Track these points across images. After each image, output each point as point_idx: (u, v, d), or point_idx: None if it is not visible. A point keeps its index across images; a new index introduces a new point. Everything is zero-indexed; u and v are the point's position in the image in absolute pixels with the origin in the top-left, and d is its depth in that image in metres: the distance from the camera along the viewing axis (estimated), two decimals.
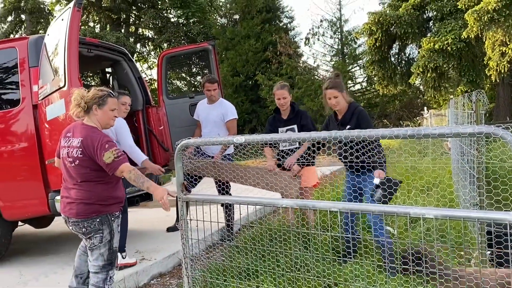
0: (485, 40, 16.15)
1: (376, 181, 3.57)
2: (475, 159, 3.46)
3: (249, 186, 4.23)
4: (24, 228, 6.44)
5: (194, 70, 24.38)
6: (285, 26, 26.22)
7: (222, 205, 5.29)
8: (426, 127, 2.32)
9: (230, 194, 5.04)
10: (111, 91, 3.36)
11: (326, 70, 26.69)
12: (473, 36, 16.09)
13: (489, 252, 3.31)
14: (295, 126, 4.85)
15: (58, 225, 7.03)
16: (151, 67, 30.14)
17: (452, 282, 2.61)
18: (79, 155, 3.12)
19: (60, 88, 4.53)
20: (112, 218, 3.18)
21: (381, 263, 3.06)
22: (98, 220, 3.11)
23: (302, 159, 4.44)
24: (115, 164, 3.03)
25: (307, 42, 27.04)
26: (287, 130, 4.87)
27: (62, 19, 4.64)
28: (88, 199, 3.11)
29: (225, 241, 4.94)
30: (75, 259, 3.52)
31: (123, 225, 4.03)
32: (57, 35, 4.67)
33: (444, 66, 18.00)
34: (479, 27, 15.52)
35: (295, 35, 26.91)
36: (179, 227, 3.20)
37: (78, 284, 3.45)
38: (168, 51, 7.08)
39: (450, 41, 17.16)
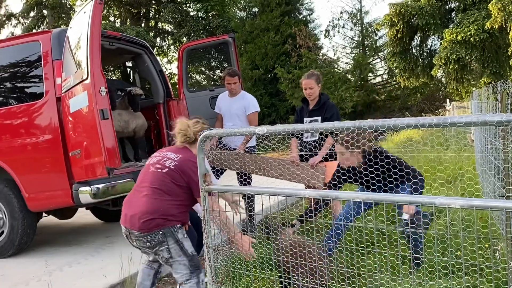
0: (509, 30, 15.80)
1: (405, 216, 3.28)
2: (500, 149, 3.40)
3: (271, 178, 4.23)
4: (48, 219, 6.54)
5: (213, 63, 24.46)
6: (304, 19, 26.04)
7: (243, 196, 5.31)
8: (452, 116, 2.28)
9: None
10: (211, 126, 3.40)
11: (346, 63, 26.50)
12: (497, 27, 15.77)
13: None
14: (318, 118, 4.78)
15: (82, 216, 7.14)
16: (171, 61, 30.28)
17: None
18: (171, 167, 3.12)
19: (83, 80, 4.58)
20: (175, 230, 3.09)
21: (405, 254, 3.03)
22: (160, 233, 3.05)
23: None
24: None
25: (327, 34, 26.84)
26: (310, 121, 4.81)
27: (84, 12, 4.69)
28: (154, 212, 3.03)
29: (246, 232, 4.95)
30: (138, 273, 3.53)
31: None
32: (80, 28, 4.72)
33: (467, 57, 17.69)
34: (503, 17, 15.21)
35: (314, 28, 26.71)
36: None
37: None
38: (189, 43, 7.10)
39: (473, 32, 16.85)
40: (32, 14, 26.97)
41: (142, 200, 3.10)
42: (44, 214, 5.95)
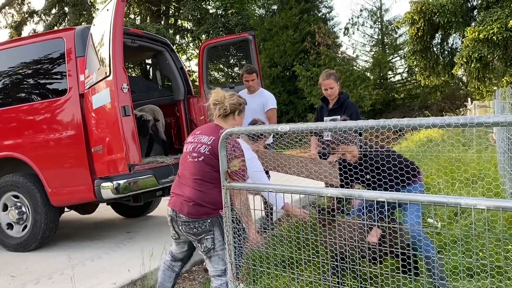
0: None
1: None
2: None
3: (288, 175, 4.22)
4: (70, 214, 6.64)
5: (232, 61, 24.48)
6: (323, 16, 25.94)
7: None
8: (478, 116, 2.25)
9: None
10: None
11: (366, 61, 26.28)
12: None
13: None
14: (338, 117, 4.76)
15: (103, 212, 7.22)
16: (190, 58, 30.43)
17: None
18: (206, 152, 3.09)
19: (106, 77, 4.63)
20: (223, 220, 3.06)
21: (428, 254, 3.00)
22: (209, 221, 3.06)
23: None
24: (236, 176, 2.96)
25: (346, 32, 26.60)
26: (330, 120, 4.80)
27: (107, 10, 4.73)
28: (202, 201, 3.06)
29: (267, 230, 4.95)
30: (159, 274, 3.52)
31: None
32: (103, 25, 4.77)
33: (489, 56, 17.41)
34: None
35: (334, 25, 26.61)
36: None
37: None
38: (209, 41, 7.12)
39: (495, 30, 16.56)
40: (54, 11, 27.28)
41: (188, 189, 3.10)
42: (66, 209, 6.03)
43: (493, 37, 16.65)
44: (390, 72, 25.26)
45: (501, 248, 2.64)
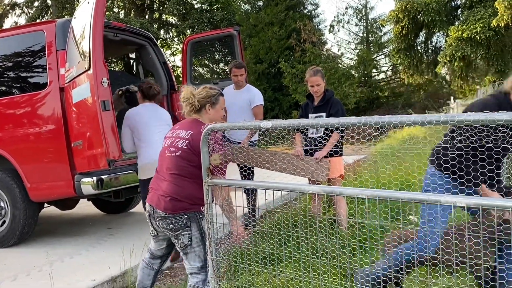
0: None
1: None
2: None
3: (274, 172, 4.20)
4: (50, 210, 6.55)
5: (217, 57, 24.39)
6: (309, 13, 25.96)
7: (245, 191, 5.29)
8: (459, 113, 2.26)
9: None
10: (220, 90, 3.30)
11: (350, 58, 26.41)
12: (503, 25, 15.69)
13: None
14: (323, 114, 4.74)
15: (83, 207, 7.14)
16: (174, 53, 30.26)
17: None
18: (183, 147, 3.04)
19: (85, 71, 4.55)
20: (200, 216, 3.05)
21: (408, 252, 3.02)
22: (186, 217, 3.01)
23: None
24: (217, 171, 2.94)
25: (331, 29, 26.72)
26: (315, 117, 4.78)
27: (88, 2, 4.65)
28: (178, 195, 3.01)
29: (249, 226, 4.94)
30: (138, 272, 3.47)
31: None
32: (84, 18, 4.69)
33: (472, 55, 17.63)
34: (510, 15, 15.11)
35: (319, 22, 26.64)
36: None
37: None
38: (194, 36, 7.06)
39: (479, 30, 16.76)
40: (36, 4, 26.95)
41: (165, 184, 3.06)
42: (45, 205, 5.94)
43: (476, 36, 16.85)
44: (374, 70, 25.44)
45: (480, 246, 2.65)
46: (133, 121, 4.71)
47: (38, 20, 24.55)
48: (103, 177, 4.84)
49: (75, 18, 4.98)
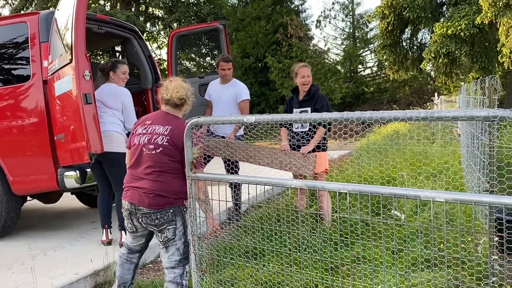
0: (499, 26, 15.87)
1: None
2: (486, 144, 3.43)
3: (260, 167, 4.22)
4: (33, 203, 6.49)
5: (203, 51, 24.29)
6: (296, 8, 25.97)
7: (230, 185, 5.31)
8: (439, 110, 2.29)
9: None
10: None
11: (337, 54, 26.50)
12: (487, 22, 15.83)
13: (496, 238, 3.29)
14: (308, 109, 4.75)
15: (67, 201, 7.09)
16: (161, 47, 30.03)
17: None
18: (164, 143, 3.02)
19: (68, 64, 4.51)
20: (184, 209, 3.06)
21: (389, 246, 3.06)
22: (171, 211, 3.01)
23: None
24: (200, 165, 2.95)
25: (318, 25, 26.79)
26: (300, 112, 4.79)
27: None
28: (163, 191, 3.00)
29: (232, 221, 4.95)
30: (116, 268, 3.44)
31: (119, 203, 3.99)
32: (67, 10, 4.64)
33: (456, 52, 17.77)
34: (494, 13, 15.25)
35: (306, 18, 26.69)
36: None
37: None
38: (179, 29, 7.03)
39: (463, 27, 16.90)
40: None
41: (147, 181, 3.04)
42: (28, 198, 5.90)
43: (461, 33, 17.00)
44: (360, 66, 25.58)
45: (458, 240, 2.70)
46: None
47: (22, 12, 24.21)
48: (86, 170, 4.82)
49: (58, 10, 4.93)
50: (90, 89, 4.48)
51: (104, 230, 4.87)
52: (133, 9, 26.60)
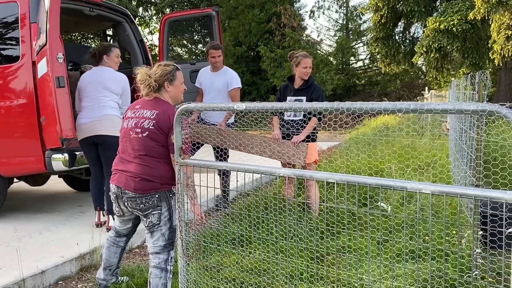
0: (491, 22, 15.93)
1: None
2: (474, 138, 3.46)
3: (250, 155, 4.22)
4: (19, 185, 6.45)
5: (196, 37, 24.16)
6: None
7: (219, 173, 5.31)
8: (429, 102, 2.31)
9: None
10: (176, 65, 3.24)
11: (329, 45, 26.46)
12: (479, 18, 15.87)
13: (481, 232, 3.34)
14: (304, 98, 4.72)
15: (54, 184, 7.06)
16: (153, 32, 29.77)
17: None
18: (150, 127, 3.00)
19: (44, 46, 4.45)
20: (170, 195, 3.05)
21: (374, 236, 3.08)
22: (156, 196, 3.00)
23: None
24: (187, 149, 2.90)
25: (311, 15, 26.71)
26: (295, 100, 4.78)
27: None
28: (149, 176, 2.98)
29: (220, 208, 4.96)
30: (103, 251, 3.44)
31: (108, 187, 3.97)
32: None
33: (448, 47, 17.82)
34: (487, 9, 15.29)
35: (300, 7, 26.59)
36: None
37: (107, 276, 3.39)
38: (171, 14, 6.98)
39: (456, 22, 16.94)
40: None
41: (133, 165, 3.03)
42: (15, 180, 5.85)
43: (453, 29, 17.04)
44: (352, 58, 25.57)
45: (443, 232, 2.73)
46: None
47: None
48: (76, 153, 4.80)
49: None
50: (63, 72, 4.43)
51: (97, 212, 4.86)
52: None
